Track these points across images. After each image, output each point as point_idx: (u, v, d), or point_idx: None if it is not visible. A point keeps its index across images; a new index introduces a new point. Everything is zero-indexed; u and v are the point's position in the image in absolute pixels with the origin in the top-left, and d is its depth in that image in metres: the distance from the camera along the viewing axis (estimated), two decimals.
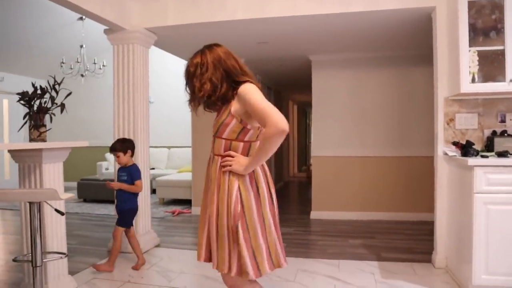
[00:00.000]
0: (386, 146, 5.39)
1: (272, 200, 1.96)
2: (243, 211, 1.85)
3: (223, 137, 1.91)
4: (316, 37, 4.52)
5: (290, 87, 8.89)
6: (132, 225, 3.61)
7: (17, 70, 8.44)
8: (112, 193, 4.05)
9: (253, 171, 1.90)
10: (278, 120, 1.68)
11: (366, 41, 4.67)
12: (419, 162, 5.25)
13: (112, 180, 3.83)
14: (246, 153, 1.91)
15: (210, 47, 1.96)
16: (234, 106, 1.86)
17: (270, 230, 1.90)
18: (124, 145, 3.54)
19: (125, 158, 3.55)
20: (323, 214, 5.55)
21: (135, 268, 3.53)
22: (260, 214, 1.88)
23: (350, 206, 5.48)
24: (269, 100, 2.07)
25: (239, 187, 1.86)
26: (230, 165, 1.87)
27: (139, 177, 3.53)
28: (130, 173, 3.53)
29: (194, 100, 1.95)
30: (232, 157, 1.88)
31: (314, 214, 5.59)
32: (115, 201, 3.68)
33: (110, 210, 4.11)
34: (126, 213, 3.54)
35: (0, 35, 6.70)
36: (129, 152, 3.56)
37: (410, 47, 4.96)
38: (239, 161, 1.86)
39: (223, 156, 1.92)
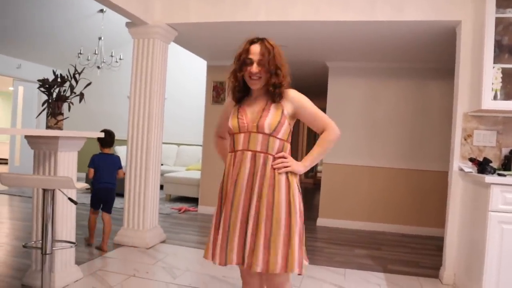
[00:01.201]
0: (397, 158, 5.34)
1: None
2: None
3: (278, 137, 1.90)
4: (336, 44, 4.50)
5: (302, 92, 8.85)
6: (96, 208, 3.97)
7: (34, 58, 8.50)
8: (119, 185, 4.18)
9: None
10: (335, 126, 1.98)
11: (385, 50, 4.64)
12: (429, 176, 5.21)
13: None
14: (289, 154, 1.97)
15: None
16: (287, 108, 1.93)
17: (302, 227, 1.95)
18: None
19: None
20: (329, 221, 5.51)
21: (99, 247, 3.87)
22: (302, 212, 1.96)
23: (357, 216, 5.45)
24: None
25: (298, 187, 1.96)
26: (289, 166, 1.90)
27: (89, 165, 3.93)
28: None
29: (263, 77, 1.90)
30: (285, 158, 1.91)
31: (321, 221, 5.55)
32: None
33: (116, 202, 4.13)
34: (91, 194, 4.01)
35: (18, 23, 6.75)
36: (99, 142, 3.99)
37: (429, 59, 4.92)
38: (295, 162, 1.93)
39: (276, 157, 1.90)
